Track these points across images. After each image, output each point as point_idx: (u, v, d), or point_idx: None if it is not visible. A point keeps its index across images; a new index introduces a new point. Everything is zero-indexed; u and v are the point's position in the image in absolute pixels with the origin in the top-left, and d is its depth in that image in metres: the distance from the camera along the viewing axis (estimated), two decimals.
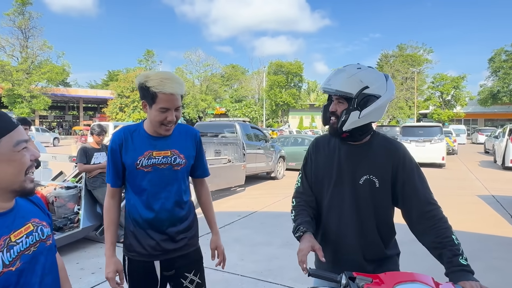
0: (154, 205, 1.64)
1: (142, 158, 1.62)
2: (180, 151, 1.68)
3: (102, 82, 53.84)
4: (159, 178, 1.64)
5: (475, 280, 1.25)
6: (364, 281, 1.20)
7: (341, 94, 1.41)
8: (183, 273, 1.73)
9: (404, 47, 44.20)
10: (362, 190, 1.47)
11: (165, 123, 1.59)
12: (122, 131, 1.68)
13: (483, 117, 44.49)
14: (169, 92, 1.53)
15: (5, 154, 0.90)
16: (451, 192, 8.38)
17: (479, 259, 4.13)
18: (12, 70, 32.54)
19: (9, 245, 0.93)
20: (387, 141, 1.54)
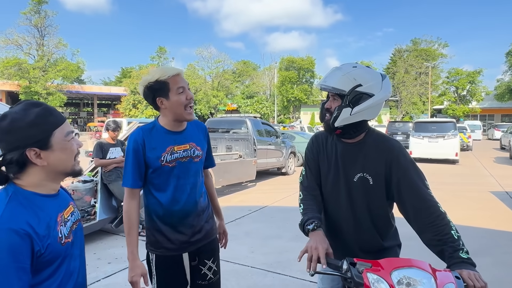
0: (180, 198, 1.70)
1: (165, 154, 1.67)
2: (196, 144, 1.77)
3: (116, 79, 54.63)
4: (183, 171, 1.70)
5: (475, 271, 1.27)
6: (364, 266, 1.26)
7: (334, 91, 1.44)
8: (203, 261, 1.81)
9: (418, 42, 43.47)
10: (356, 188, 1.51)
11: (187, 103, 1.66)
12: (140, 131, 1.71)
13: (500, 113, 43.46)
14: (176, 73, 1.65)
15: (58, 143, 1.05)
16: (464, 188, 8.31)
17: (488, 254, 4.14)
18: (29, 68, 33.34)
19: (64, 220, 1.11)
20: (382, 138, 1.54)
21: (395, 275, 1.20)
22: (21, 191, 1.02)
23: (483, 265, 3.77)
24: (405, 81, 40.21)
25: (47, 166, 1.04)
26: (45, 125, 1.03)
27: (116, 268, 3.70)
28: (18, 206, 0.99)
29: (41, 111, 1.04)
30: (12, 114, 1.02)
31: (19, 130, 1.00)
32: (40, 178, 1.05)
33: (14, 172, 1.03)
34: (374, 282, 1.21)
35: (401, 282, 1.19)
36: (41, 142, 1.02)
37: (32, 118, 1.01)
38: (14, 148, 1.00)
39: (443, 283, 1.20)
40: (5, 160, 1.01)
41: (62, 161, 1.07)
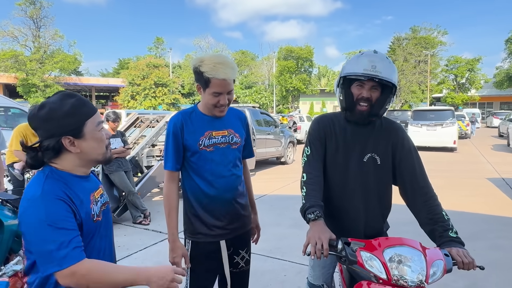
0: (218, 183, 1.70)
1: (204, 138, 1.69)
2: (235, 131, 1.78)
3: (113, 71, 54.26)
4: (221, 156, 1.71)
5: (463, 249, 1.36)
6: (358, 245, 1.33)
7: (388, 81, 1.45)
8: (237, 250, 1.84)
9: (417, 29, 43.11)
10: (366, 167, 1.59)
11: (218, 105, 1.67)
12: (180, 115, 1.74)
13: (499, 100, 43.44)
14: (222, 78, 1.59)
15: (90, 133, 1.14)
16: (461, 175, 8.40)
17: (483, 239, 4.23)
18: (26, 60, 33.08)
19: (95, 200, 1.20)
20: (388, 122, 1.67)
21: (387, 253, 1.27)
22: (57, 171, 1.12)
23: (478, 249, 3.86)
24: (404, 69, 40.03)
25: (80, 153, 1.13)
26: (79, 115, 1.11)
27: (119, 256, 3.78)
28: (56, 182, 1.09)
29: (75, 101, 1.11)
30: (50, 104, 1.10)
31: (55, 119, 1.08)
32: (73, 163, 1.15)
33: (49, 157, 1.11)
34: (367, 259, 1.28)
35: (393, 260, 1.25)
36: (75, 131, 1.10)
37: (67, 108, 1.09)
38: (50, 136, 1.09)
39: (432, 259, 1.27)
40: (42, 146, 1.10)
41: (93, 149, 1.15)
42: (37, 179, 1.09)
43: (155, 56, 44.13)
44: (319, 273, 1.78)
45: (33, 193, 1.05)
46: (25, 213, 1.04)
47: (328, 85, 49.89)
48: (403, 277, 1.22)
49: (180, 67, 48.10)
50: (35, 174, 1.12)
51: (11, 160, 4.26)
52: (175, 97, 36.78)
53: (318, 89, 48.70)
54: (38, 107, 1.12)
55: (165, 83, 35.55)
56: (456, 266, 1.33)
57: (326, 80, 57.50)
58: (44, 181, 1.07)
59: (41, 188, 1.05)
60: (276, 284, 3.19)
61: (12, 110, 8.29)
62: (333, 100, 46.99)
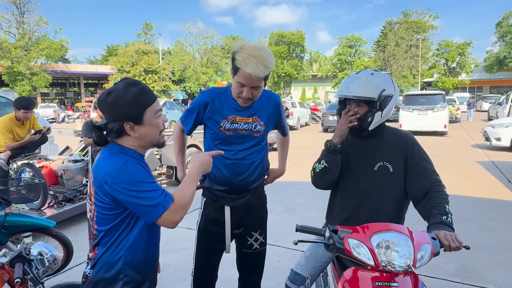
0: (229, 166, 1.77)
1: (226, 121, 1.75)
2: (261, 119, 1.80)
3: (102, 58, 53.17)
4: (239, 141, 1.77)
5: (451, 232, 1.36)
6: (345, 232, 1.33)
7: (364, 99, 1.57)
8: (250, 232, 1.93)
9: (409, 13, 42.95)
10: (377, 176, 1.64)
11: (241, 96, 1.69)
12: (212, 91, 1.82)
13: (489, 84, 43.84)
14: (248, 72, 1.59)
15: (149, 120, 1.25)
16: (451, 159, 8.50)
17: (473, 221, 4.29)
18: (10, 47, 32.16)
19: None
20: (396, 131, 1.74)
21: (374, 239, 1.26)
22: (123, 147, 1.26)
23: (469, 231, 3.93)
24: (396, 54, 40.03)
25: (138, 137, 1.26)
26: (140, 104, 1.23)
27: None
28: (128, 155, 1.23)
29: (138, 91, 1.22)
30: (116, 91, 1.22)
31: (120, 106, 1.20)
32: (132, 144, 1.28)
33: (112, 137, 1.26)
34: (355, 246, 1.27)
35: (380, 245, 1.25)
36: (135, 118, 1.23)
37: (131, 97, 1.21)
38: (115, 120, 1.22)
39: (420, 243, 1.26)
40: (108, 128, 1.24)
41: (150, 134, 1.28)
42: (112, 153, 1.22)
43: (144, 42, 43.25)
44: (311, 265, 1.77)
45: (117, 162, 1.18)
46: (116, 178, 1.15)
47: (320, 70, 49.73)
48: (390, 263, 1.22)
49: (170, 53, 47.33)
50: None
51: None
52: (166, 84, 36.31)
53: (310, 75, 48.56)
54: (106, 93, 1.23)
55: (155, 70, 35.02)
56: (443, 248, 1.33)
57: (318, 65, 57.26)
58: (121, 153, 1.22)
59: (123, 158, 1.19)
60: (269, 270, 3.19)
61: None
62: (325, 85, 46.98)
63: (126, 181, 1.15)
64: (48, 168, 4.96)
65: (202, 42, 46.19)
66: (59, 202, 4.47)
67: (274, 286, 2.86)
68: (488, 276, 2.95)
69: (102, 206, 1.21)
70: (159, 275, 1.49)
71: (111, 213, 1.21)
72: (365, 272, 1.26)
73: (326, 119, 16.21)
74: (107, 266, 1.24)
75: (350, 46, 44.80)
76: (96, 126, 1.25)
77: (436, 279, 2.91)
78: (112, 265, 1.24)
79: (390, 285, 1.21)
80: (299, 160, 8.98)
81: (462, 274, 2.99)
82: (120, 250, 1.24)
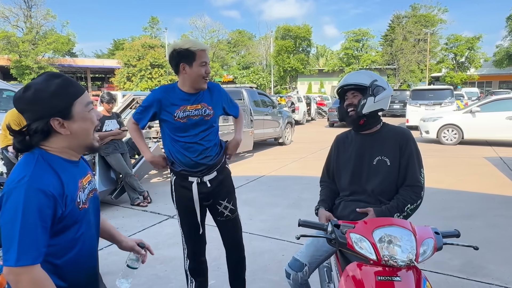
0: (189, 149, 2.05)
1: (179, 111, 2.02)
2: (208, 104, 2.09)
3: (108, 52, 53.32)
4: (193, 127, 2.04)
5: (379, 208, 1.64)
6: (347, 227, 1.33)
7: (357, 84, 1.75)
8: (218, 201, 2.20)
9: (417, 7, 42.29)
10: (376, 169, 1.75)
11: (205, 76, 1.99)
12: (162, 88, 2.11)
13: (498, 79, 43.15)
14: (204, 48, 1.98)
15: (79, 113, 1.11)
16: (458, 154, 8.42)
17: (480, 217, 4.26)
18: (18, 41, 32.41)
19: (83, 187, 1.17)
20: (396, 127, 1.85)
21: (376, 234, 1.27)
22: (47, 154, 1.09)
23: (475, 227, 3.90)
24: (403, 48, 39.53)
25: (70, 135, 1.10)
26: (66, 95, 1.09)
27: None
28: (45, 167, 1.06)
29: (62, 81, 1.09)
30: (36, 85, 1.07)
31: (42, 100, 1.05)
32: (63, 146, 1.12)
33: (38, 141, 1.09)
34: (357, 241, 1.28)
35: (383, 240, 1.25)
36: (63, 112, 1.08)
37: (54, 88, 1.07)
38: (39, 118, 1.06)
39: (423, 238, 1.26)
40: (31, 129, 1.07)
41: (83, 131, 1.13)
42: (26, 162, 1.06)
43: (150, 37, 43.29)
44: (310, 253, 1.81)
45: (20, 176, 1.02)
46: (7, 193, 1.01)
47: (327, 65, 49.31)
48: (393, 257, 1.22)
49: None
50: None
51: (5, 143, 4.22)
52: (172, 78, 36.35)
53: (316, 69, 48.18)
54: (23, 89, 1.08)
55: (161, 64, 35.04)
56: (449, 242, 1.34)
57: (325, 60, 56.77)
58: (34, 166, 1.04)
59: (29, 173, 1.02)
60: (274, 264, 3.22)
61: (6, 93, 8.13)
62: (331, 80, 46.62)
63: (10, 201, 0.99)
64: None
65: (208, 36, 46.08)
66: None
67: (278, 280, 2.87)
68: (494, 273, 2.94)
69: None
70: (165, 268, 1.50)
71: None
72: (367, 266, 1.27)
73: (332, 113, 16.13)
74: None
75: (357, 40, 44.31)
76: (16, 131, 1.08)
77: (442, 275, 2.90)
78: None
79: (393, 279, 1.21)
80: (305, 155, 8.96)
81: (467, 270, 2.98)
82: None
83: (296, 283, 1.79)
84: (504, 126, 9.25)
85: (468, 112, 9.94)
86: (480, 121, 9.61)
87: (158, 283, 2.90)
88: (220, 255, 3.39)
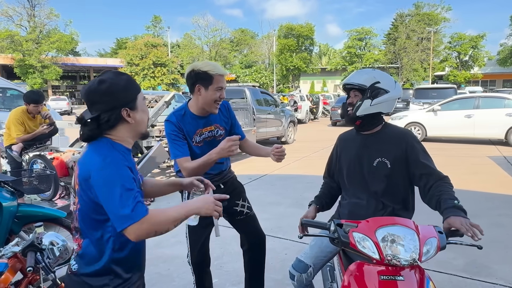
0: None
1: (196, 136, 2.04)
2: (220, 125, 2.13)
3: (111, 50, 53.45)
4: (208, 148, 2.02)
5: (466, 218, 1.36)
6: (350, 226, 1.32)
7: (357, 84, 1.71)
8: (234, 202, 2.22)
9: (421, 5, 42.10)
10: (376, 171, 1.71)
11: (218, 100, 1.98)
12: (173, 116, 2.02)
13: (502, 78, 42.86)
14: (222, 73, 1.96)
15: (141, 105, 1.27)
16: (461, 153, 8.38)
17: (484, 216, 4.24)
18: (22, 40, 32.56)
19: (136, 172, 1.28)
20: (397, 128, 1.81)
21: (379, 233, 1.26)
22: (114, 143, 1.23)
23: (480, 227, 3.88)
24: (407, 47, 39.37)
25: (134, 124, 1.25)
26: (133, 89, 1.25)
27: None
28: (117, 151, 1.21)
29: (128, 77, 1.26)
30: (110, 80, 1.21)
31: (116, 93, 1.20)
32: (126, 135, 1.26)
33: (105, 129, 1.22)
34: (360, 240, 1.27)
35: (386, 239, 1.24)
36: (131, 104, 1.23)
37: (124, 83, 1.22)
38: (111, 108, 1.19)
39: (426, 237, 1.26)
40: (102, 119, 1.19)
41: (142, 120, 1.28)
42: (100, 147, 1.19)
43: (153, 35, 43.38)
44: (314, 254, 1.80)
45: (104, 158, 1.15)
46: (98, 175, 1.13)
47: (329, 63, 49.22)
48: (396, 257, 1.21)
49: (179, 46, 47.34)
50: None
51: (9, 142, 4.24)
52: (174, 77, 36.40)
53: (319, 68, 48.11)
54: (97, 82, 1.20)
55: (164, 63, 35.10)
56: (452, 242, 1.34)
57: (327, 58, 56.65)
58: (110, 149, 1.19)
59: (110, 154, 1.17)
60: (277, 263, 3.22)
61: (10, 92, 8.17)
62: (334, 79, 46.51)
63: (105, 180, 1.12)
64: (59, 159, 5.03)
65: (211, 35, 46.16)
66: (70, 193, 4.54)
67: (281, 279, 2.87)
68: (498, 272, 2.92)
69: (85, 200, 1.18)
70: (168, 266, 1.51)
71: (94, 207, 1.17)
72: (370, 266, 1.26)
73: (335, 112, 16.10)
74: (92, 261, 1.21)
75: (360, 39, 44.20)
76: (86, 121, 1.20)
77: (445, 274, 2.89)
78: (97, 260, 1.21)
79: (396, 279, 1.20)
80: (307, 154, 8.95)
81: (471, 270, 2.97)
82: (105, 245, 1.21)
83: (301, 285, 1.77)
84: (463, 124, 9.70)
85: (430, 111, 10.43)
86: (441, 119, 10.07)
87: (161, 281, 2.91)
88: (222, 253, 3.39)
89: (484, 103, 9.84)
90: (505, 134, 9.37)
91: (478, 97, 10.21)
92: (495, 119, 9.42)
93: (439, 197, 1.51)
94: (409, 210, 1.75)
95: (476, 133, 9.71)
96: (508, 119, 9.28)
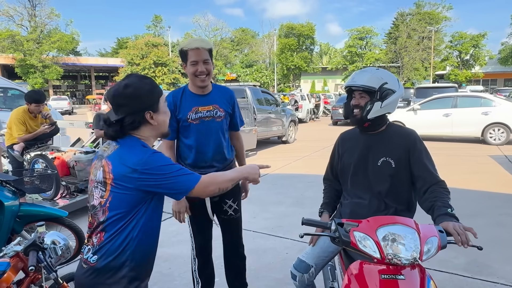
0: (202, 149, 2.06)
1: (191, 113, 2.03)
2: (219, 106, 2.10)
3: (112, 50, 53.47)
4: (205, 127, 2.05)
5: (459, 223, 1.37)
6: (351, 226, 1.33)
7: (365, 88, 1.67)
8: (224, 199, 2.20)
9: (422, 4, 42.04)
10: (380, 171, 1.70)
11: (197, 74, 1.96)
12: (172, 95, 2.07)
13: (503, 77, 42.76)
14: (195, 46, 1.94)
15: (163, 107, 1.35)
16: (463, 153, 8.37)
17: (485, 216, 4.23)
18: (23, 40, 32.59)
19: None
20: (401, 128, 1.81)
21: (380, 232, 1.26)
22: (140, 141, 1.31)
23: (480, 226, 3.83)
24: (408, 46, 39.31)
25: (156, 126, 1.33)
26: (156, 93, 1.32)
27: None
28: (145, 145, 1.31)
29: (151, 82, 1.34)
30: (134, 84, 1.28)
31: (140, 97, 1.27)
32: (148, 134, 1.34)
33: (129, 130, 1.30)
34: (361, 239, 1.27)
35: (386, 238, 1.24)
36: (154, 106, 1.31)
37: (148, 88, 1.30)
38: (135, 111, 1.27)
39: (427, 236, 1.26)
40: (126, 121, 1.27)
41: (164, 122, 1.37)
42: (134, 144, 1.29)
43: (154, 35, 43.38)
44: (316, 254, 1.79)
45: (145, 152, 1.26)
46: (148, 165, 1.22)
47: (330, 63, 49.16)
48: (397, 256, 1.22)
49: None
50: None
51: (10, 142, 4.25)
52: (175, 77, 36.42)
53: (319, 67, 48.07)
54: (122, 86, 1.27)
55: (165, 63, 35.12)
56: (453, 241, 1.33)
57: (328, 58, 56.61)
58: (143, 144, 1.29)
59: (148, 148, 1.29)
60: (278, 262, 3.22)
61: (11, 92, 8.18)
62: (334, 78, 46.47)
63: (158, 167, 1.23)
64: (61, 159, 5.04)
65: (211, 35, 46.11)
66: (71, 192, 4.55)
67: (282, 278, 2.88)
68: (499, 271, 2.92)
69: (122, 193, 1.24)
70: (169, 266, 1.53)
71: (129, 200, 1.24)
72: (371, 265, 1.26)
73: (336, 112, 16.08)
74: (113, 254, 1.26)
75: (361, 38, 44.15)
76: (111, 122, 1.28)
77: (446, 273, 2.89)
78: (119, 252, 1.26)
79: (397, 278, 1.20)
80: (308, 153, 8.95)
81: (472, 269, 2.96)
82: (128, 238, 1.26)
83: (303, 285, 1.76)
84: (441, 123, 9.93)
85: (411, 110, 10.63)
86: (420, 118, 10.21)
87: (162, 280, 2.92)
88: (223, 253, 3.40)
89: (462, 102, 10.06)
90: (482, 132, 9.60)
91: (456, 97, 10.42)
92: (472, 117, 9.62)
93: (433, 203, 1.51)
94: (412, 211, 1.75)
95: (454, 132, 9.89)
96: (484, 118, 9.53)
